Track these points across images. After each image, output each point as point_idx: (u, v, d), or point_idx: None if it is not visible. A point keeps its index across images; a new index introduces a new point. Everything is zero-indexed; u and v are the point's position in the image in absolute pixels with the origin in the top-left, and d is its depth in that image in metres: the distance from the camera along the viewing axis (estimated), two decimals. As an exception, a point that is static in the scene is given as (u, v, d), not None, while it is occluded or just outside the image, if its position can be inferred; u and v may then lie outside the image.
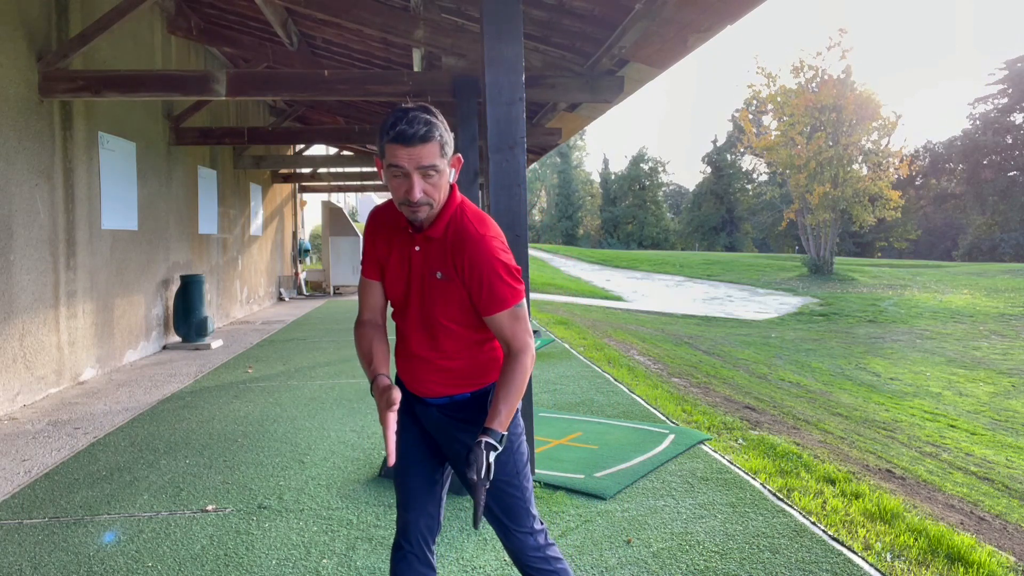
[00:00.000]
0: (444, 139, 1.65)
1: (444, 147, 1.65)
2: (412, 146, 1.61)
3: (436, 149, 1.63)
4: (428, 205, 1.67)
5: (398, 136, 1.60)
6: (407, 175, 1.63)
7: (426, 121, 1.62)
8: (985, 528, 4.53)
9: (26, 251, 5.73)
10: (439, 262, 1.73)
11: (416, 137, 1.60)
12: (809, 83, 28.90)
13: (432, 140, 1.62)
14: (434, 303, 1.75)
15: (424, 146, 1.61)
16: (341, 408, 5.49)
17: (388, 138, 1.62)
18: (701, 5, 4.30)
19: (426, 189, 1.65)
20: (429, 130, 1.61)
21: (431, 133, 1.62)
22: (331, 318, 12.04)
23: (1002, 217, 42.52)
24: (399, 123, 1.61)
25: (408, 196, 1.64)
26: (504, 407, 1.67)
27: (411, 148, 1.61)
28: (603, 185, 63.00)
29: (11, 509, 3.47)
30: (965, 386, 10.81)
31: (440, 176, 1.66)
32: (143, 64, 8.05)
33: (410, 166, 1.62)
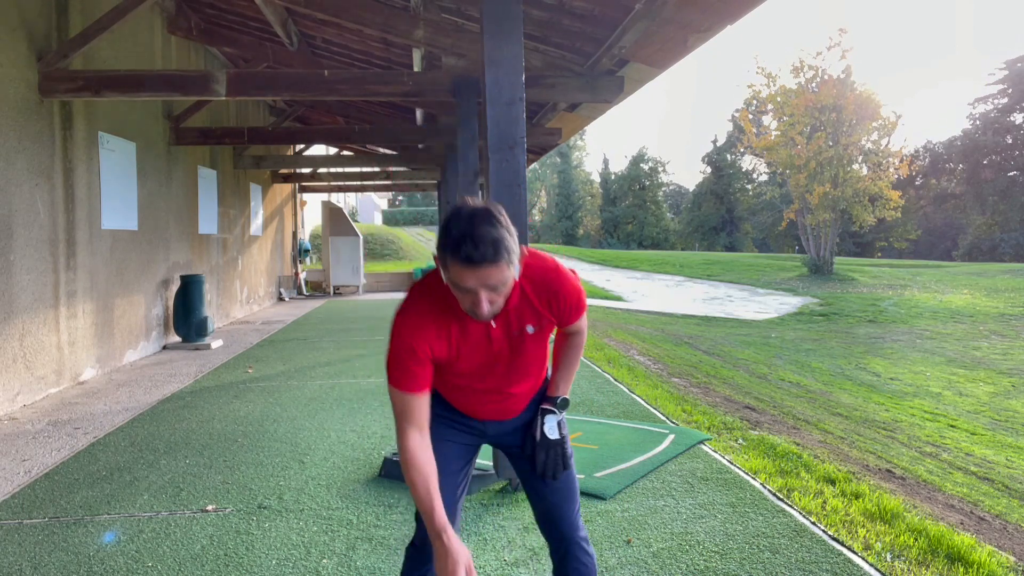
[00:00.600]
0: (511, 251, 1.52)
1: (511, 259, 1.53)
2: (480, 268, 1.49)
3: (504, 268, 1.51)
4: (496, 312, 1.60)
5: (465, 260, 1.48)
6: (474, 292, 1.53)
7: (493, 240, 1.48)
8: (985, 528, 4.53)
9: (26, 251, 5.73)
10: (527, 318, 1.72)
11: (484, 260, 1.48)
12: (809, 83, 28.90)
13: (501, 261, 1.50)
14: (524, 353, 1.78)
15: (493, 268, 1.50)
16: (341, 408, 5.49)
17: (453, 258, 1.49)
18: (701, 5, 4.30)
19: (493, 299, 1.55)
20: (497, 251, 1.49)
21: (499, 254, 1.49)
22: (331, 318, 12.04)
23: (1002, 217, 42.52)
24: (464, 243, 1.47)
25: (476, 309, 1.55)
26: (563, 380, 1.92)
27: (478, 271, 1.49)
28: (603, 185, 62.98)
29: (11, 509, 3.47)
30: (965, 386, 10.81)
31: (507, 285, 1.56)
32: (143, 64, 8.05)
33: (477, 286, 1.51)
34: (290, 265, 17.35)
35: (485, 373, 1.78)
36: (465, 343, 1.71)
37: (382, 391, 6.07)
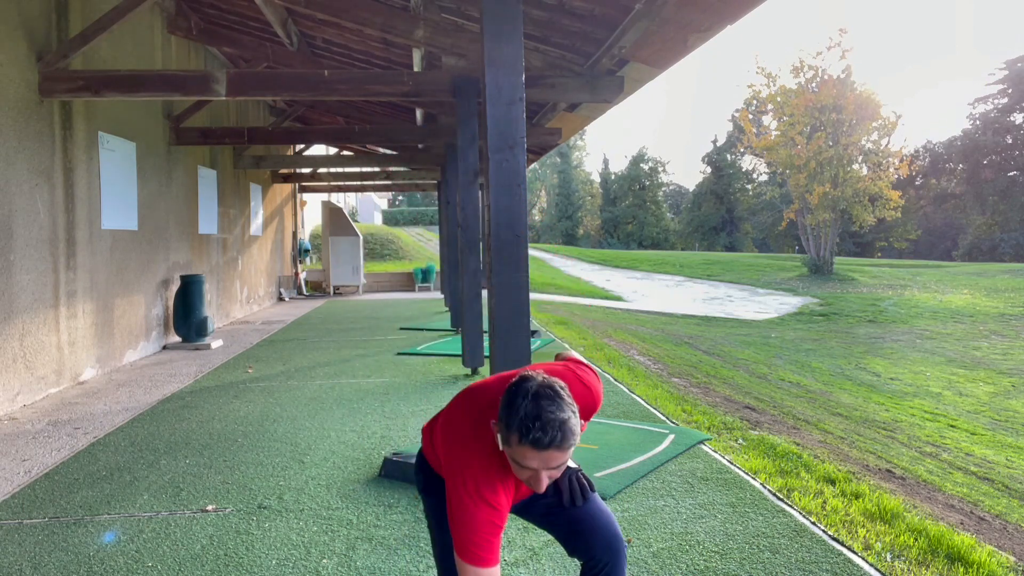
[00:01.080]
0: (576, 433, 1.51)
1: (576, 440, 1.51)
2: (547, 452, 1.48)
3: (569, 450, 1.51)
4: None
5: (533, 443, 1.47)
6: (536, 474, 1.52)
7: (560, 424, 1.47)
8: (985, 528, 4.53)
9: (26, 251, 5.73)
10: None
11: (552, 445, 1.47)
12: (809, 83, 28.90)
13: (568, 446, 1.49)
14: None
15: (560, 452, 1.49)
16: (341, 408, 5.49)
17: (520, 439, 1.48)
18: (701, 5, 4.30)
19: (552, 475, 1.54)
20: (564, 436, 1.48)
21: (567, 440, 1.48)
22: (331, 318, 12.04)
23: (1002, 217, 42.51)
24: (532, 427, 1.46)
25: (535, 486, 1.54)
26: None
27: (545, 453, 1.48)
28: (603, 185, 62.98)
29: (11, 509, 3.47)
30: (965, 386, 10.81)
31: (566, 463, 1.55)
32: (143, 64, 8.05)
33: (540, 467, 1.50)
34: (290, 265, 17.35)
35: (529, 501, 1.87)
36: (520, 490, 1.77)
37: (382, 391, 6.07)
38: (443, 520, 1.86)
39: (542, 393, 1.50)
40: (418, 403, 5.59)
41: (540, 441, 1.46)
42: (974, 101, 47.42)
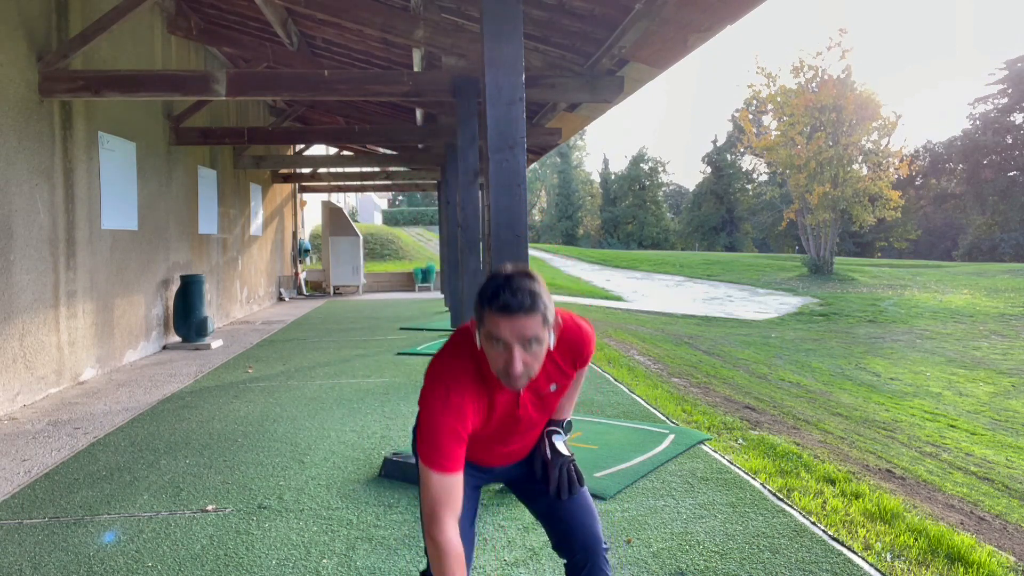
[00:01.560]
0: (547, 307, 1.57)
1: (546, 316, 1.57)
2: (515, 317, 1.52)
3: (540, 320, 1.55)
4: (527, 376, 1.60)
5: (502, 307, 1.51)
6: (508, 347, 1.54)
7: (530, 291, 1.54)
8: (985, 528, 4.53)
9: (26, 251, 5.73)
10: (553, 377, 1.77)
11: (521, 308, 1.52)
12: (809, 83, 28.90)
13: (537, 312, 1.54)
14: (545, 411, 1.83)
15: (529, 317, 1.53)
16: (341, 408, 5.49)
17: (490, 307, 1.53)
18: (701, 5, 4.30)
19: (526, 360, 1.56)
20: (534, 301, 1.53)
21: (536, 305, 1.53)
22: (331, 318, 12.04)
23: (1002, 217, 42.51)
24: (502, 292, 1.52)
25: (509, 369, 1.56)
26: (568, 406, 1.98)
27: (514, 320, 1.52)
28: (603, 185, 62.98)
29: (11, 509, 3.47)
30: (965, 386, 10.81)
31: (541, 347, 1.58)
32: (143, 64, 8.05)
33: (512, 338, 1.53)
34: (290, 265, 17.35)
35: (506, 436, 1.81)
36: (495, 413, 1.71)
37: (382, 391, 6.07)
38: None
39: (515, 272, 1.59)
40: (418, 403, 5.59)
41: (509, 305, 1.51)
42: (974, 101, 47.45)
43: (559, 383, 1.78)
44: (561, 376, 1.78)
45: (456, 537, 1.57)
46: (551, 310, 1.59)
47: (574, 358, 1.79)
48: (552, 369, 1.75)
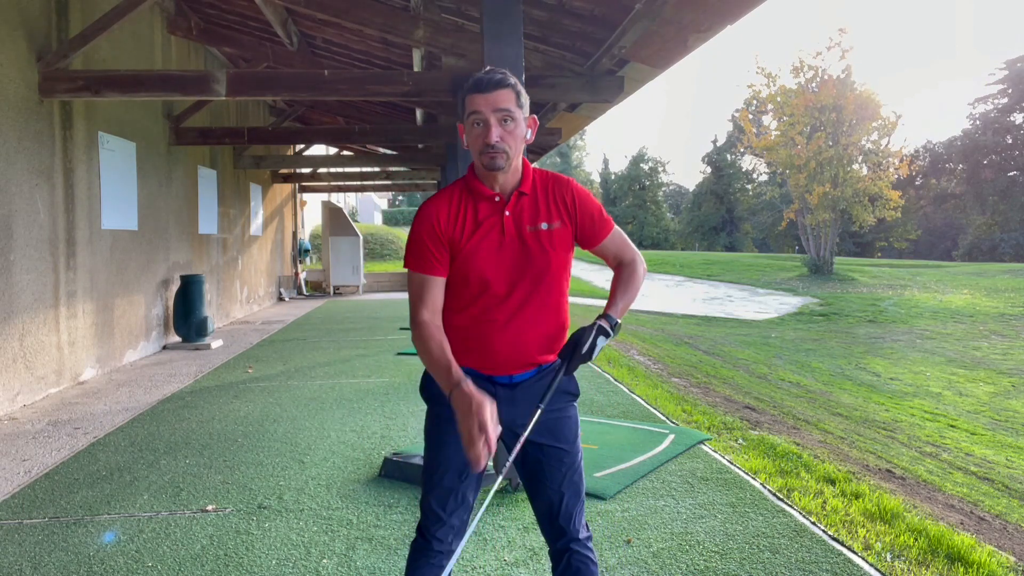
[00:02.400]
0: (519, 89, 1.75)
1: (519, 96, 1.74)
2: (488, 92, 1.70)
3: (511, 95, 1.72)
4: (505, 153, 1.72)
5: (475, 85, 1.71)
6: (485, 122, 1.70)
7: (502, 72, 1.75)
8: (985, 528, 4.53)
9: (26, 251, 5.73)
10: (542, 214, 1.80)
11: (492, 83, 1.70)
12: (809, 83, 28.87)
13: (507, 86, 1.72)
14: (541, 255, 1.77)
15: (500, 91, 1.71)
16: (341, 408, 5.49)
17: (467, 91, 1.72)
18: (701, 5, 4.30)
19: (503, 136, 1.71)
20: (504, 77, 1.73)
21: (506, 80, 1.73)
22: (331, 318, 12.04)
23: (1002, 217, 42.50)
24: (477, 76, 1.73)
25: (486, 140, 1.70)
26: (622, 300, 1.86)
27: (488, 94, 1.70)
28: (603, 185, 62.97)
29: (11, 509, 3.47)
30: (965, 386, 10.81)
31: (516, 125, 1.73)
32: (143, 64, 8.05)
33: (487, 110, 1.69)
34: (290, 265, 17.35)
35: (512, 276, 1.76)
36: (478, 230, 1.76)
37: (382, 391, 6.07)
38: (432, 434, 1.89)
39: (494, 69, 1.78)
40: (418, 403, 5.58)
41: (481, 81, 1.71)
42: (974, 101, 47.44)
43: (549, 222, 1.79)
44: (549, 214, 1.80)
45: (430, 322, 1.75)
46: (524, 96, 1.77)
47: (563, 194, 1.83)
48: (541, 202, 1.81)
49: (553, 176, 1.87)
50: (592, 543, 1.91)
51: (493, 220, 1.77)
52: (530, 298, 1.78)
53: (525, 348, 1.80)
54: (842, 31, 29.47)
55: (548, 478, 1.86)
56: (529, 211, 1.79)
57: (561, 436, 1.86)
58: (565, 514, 1.85)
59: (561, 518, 1.85)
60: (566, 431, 1.87)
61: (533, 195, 1.80)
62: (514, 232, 1.77)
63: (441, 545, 1.85)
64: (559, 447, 1.85)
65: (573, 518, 1.86)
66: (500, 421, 1.67)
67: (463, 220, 1.78)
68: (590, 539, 1.90)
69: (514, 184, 1.79)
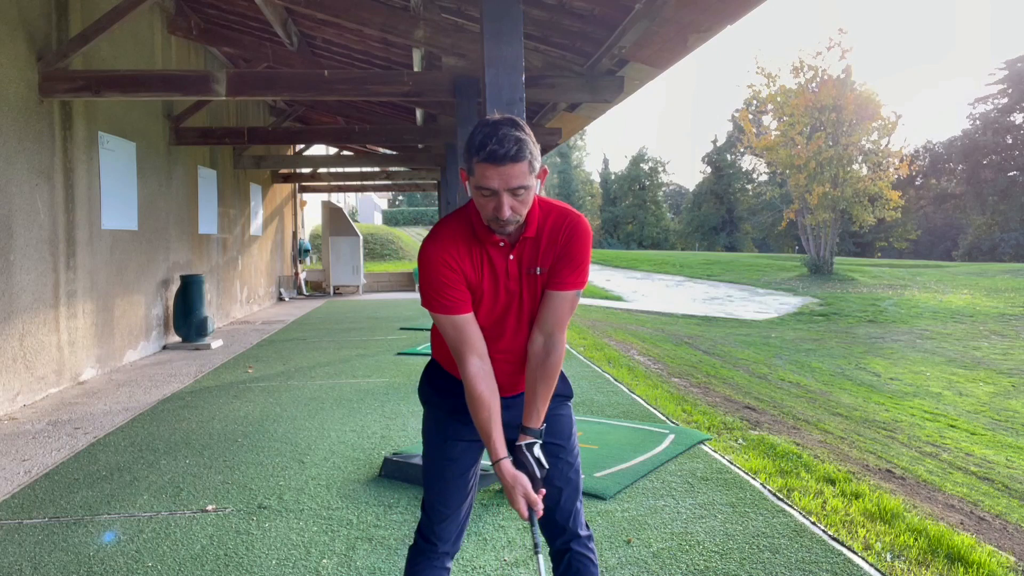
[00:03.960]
0: (533, 155, 1.60)
1: (533, 164, 1.60)
2: (503, 166, 1.55)
3: (526, 168, 1.58)
4: (516, 222, 1.63)
5: (489, 156, 1.54)
6: (496, 194, 1.58)
7: (516, 139, 1.56)
8: (985, 528, 4.53)
9: (26, 251, 5.73)
10: (539, 258, 1.74)
11: (508, 157, 1.55)
12: (809, 83, 28.86)
13: (523, 160, 1.56)
14: (531, 299, 1.77)
15: (515, 166, 1.56)
16: (341, 408, 5.49)
17: (478, 157, 1.56)
18: (701, 5, 4.30)
19: (514, 207, 1.60)
20: (520, 149, 1.56)
21: (522, 153, 1.56)
22: (331, 318, 12.04)
23: (1002, 217, 42.49)
24: (489, 142, 1.55)
25: (497, 214, 1.60)
26: (543, 404, 1.78)
27: (502, 168, 1.56)
28: (603, 185, 62.98)
29: (11, 509, 3.47)
30: (965, 386, 10.81)
31: (528, 193, 1.61)
32: (143, 64, 8.05)
33: (500, 187, 1.57)
34: (290, 265, 17.35)
35: (501, 319, 1.77)
36: (487, 272, 1.73)
37: (382, 391, 6.07)
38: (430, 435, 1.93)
39: (502, 120, 1.60)
40: (418, 403, 5.57)
41: (495, 154, 1.54)
42: (974, 101, 47.42)
43: (542, 266, 1.73)
44: (545, 258, 1.73)
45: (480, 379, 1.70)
46: (537, 157, 1.62)
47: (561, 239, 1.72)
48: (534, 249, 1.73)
49: (563, 215, 1.74)
50: (593, 543, 1.92)
51: (499, 265, 1.73)
52: (517, 335, 1.80)
53: (515, 379, 1.85)
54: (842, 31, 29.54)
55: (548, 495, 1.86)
56: (529, 254, 1.73)
57: (556, 432, 1.88)
58: (563, 511, 1.86)
59: (559, 514, 1.86)
60: (560, 427, 1.89)
61: (537, 238, 1.73)
62: (516, 274, 1.75)
63: (443, 546, 1.86)
64: (554, 443, 1.87)
65: (572, 515, 1.87)
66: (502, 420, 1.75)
67: (479, 260, 1.73)
68: (591, 539, 1.91)
69: (520, 228, 1.70)
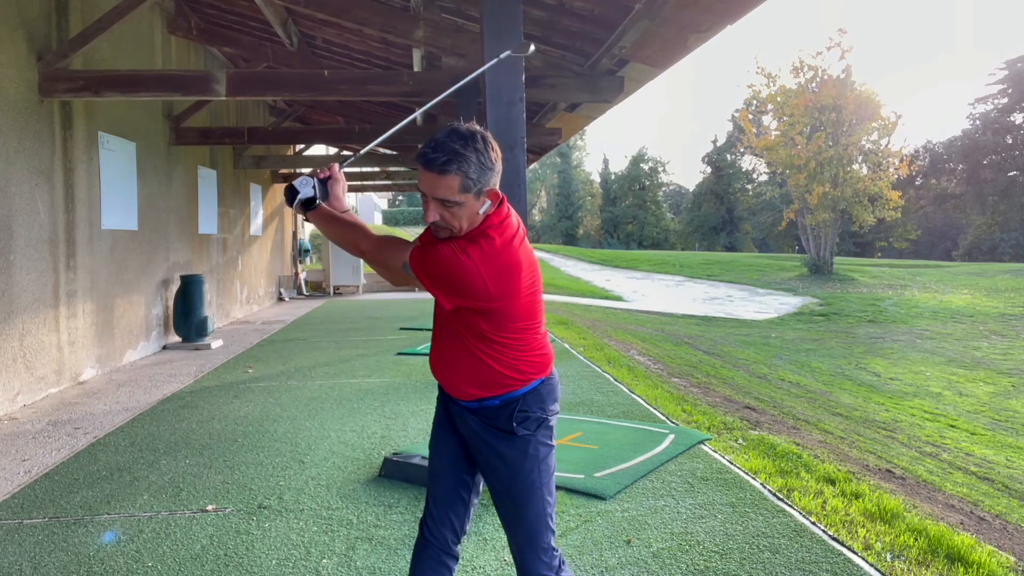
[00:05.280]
0: (468, 174, 1.58)
1: (467, 181, 1.58)
2: (429, 172, 1.59)
3: (454, 183, 1.57)
4: (447, 229, 1.64)
5: (420, 157, 1.59)
6: (424, 197, 1.63)
7: (453, 152, 1.56)
8: (985, 528, 4.53)
9: (26, 251, 5.73)
10: None
11: (434, 165, 1.57)
12: (809, 83, 28.86)
13: (449, 174, 1.57)
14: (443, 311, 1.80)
15: (441, 177, 1.57)
16: (341, 408, 5.49)
17: (417, 157, 1.62)
18: (701, 5, 4.30)
19: (443, 215, 1.62)
20: (450, 161, 1.56)
21: (450, 166, 1.56)
22: (331, 318, 12.04)
23: (1002, 217, 42.49)
24: (429, 145, 1.59)
25: (424, 217, 1.65)
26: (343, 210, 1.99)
27: (428, 174, 1.59)
28: (603, 185, 62.97)
29: (11, 509, 3.47)
30: (965, 386, 10.81)
31: (461, 207, 1.61)
32: (143, 64, 8.05)
33: (427, 191, 1.61)
34: (290, 265, 17.35)
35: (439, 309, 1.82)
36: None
37: (382, 391, 6.07)
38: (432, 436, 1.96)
39: (460, 131, 1.61)
40: (418, 403, 5.59)
41: (425, 157, 1.58)
42: (974, 101, 47.44)
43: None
44: None
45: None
46: (478, 179, 1.59)
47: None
48: None
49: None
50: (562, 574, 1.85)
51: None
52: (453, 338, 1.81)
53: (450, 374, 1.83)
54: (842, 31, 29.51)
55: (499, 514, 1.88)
56: None
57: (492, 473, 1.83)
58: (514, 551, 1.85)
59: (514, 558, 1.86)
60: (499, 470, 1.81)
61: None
62: None
63: (434, 541, 1.87)
64: (493, 484, 1.85)
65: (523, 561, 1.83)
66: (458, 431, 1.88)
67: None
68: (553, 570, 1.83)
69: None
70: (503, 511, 1.85)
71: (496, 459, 1.80)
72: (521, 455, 1.79)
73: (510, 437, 1.78)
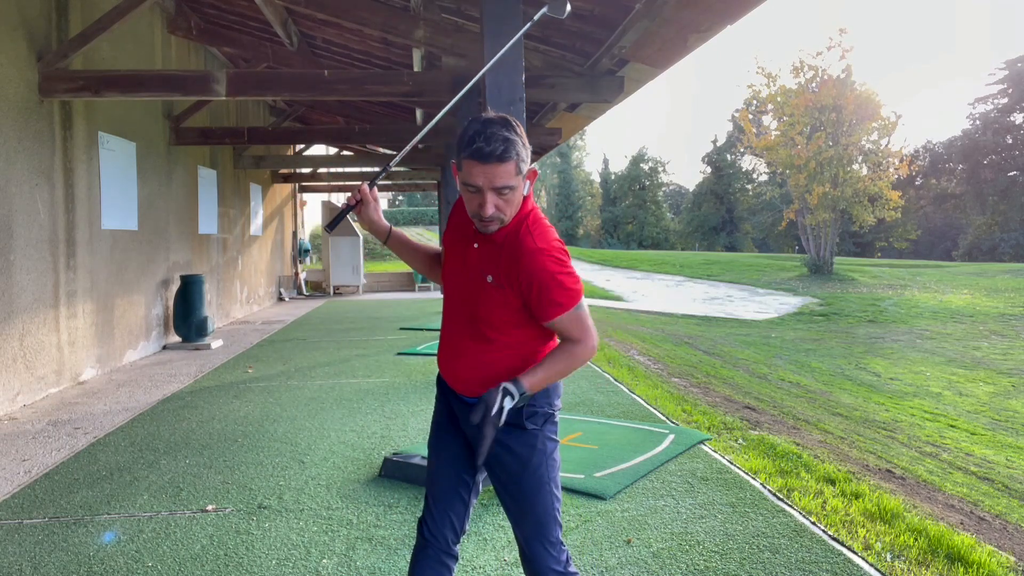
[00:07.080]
0: (521, 156, 1.59)
1: (520, 165, 1.59)
2: (488, 164, 1.56)
3: (512, 168, 1.58)
4: (499, 220, 1.64)
5: (475, 153, 1.55)
6: (480, 191, 1.59)
7: (504, 139, 1.56)
8: (985, 528, 4.53)
9: (26, 251, 5.73)
10: (492, 265, 1.71)
11: (493, 156, 1.55)
12: (809, 83, 28.87)
13: (509, 160, 1.56)
14: (480, 303, 1.74)
15: (500, 165, 1.56)
16: (341, 408, 5.49)
17: (466, 154, 1.57)
18: (701, 5, 4.30)
19: (498, 205, 1.61)
20: (507, 149, 1.56)
21: (508, 153, 1.56)
22: (331, 318, 12.04)
23: (1002, 217, 42.49)
24: (477, 139, 1.55)
25: (480, 211, 1.62)
26: (542, 371, 1.70)
27: (487, 166, 1.56)
28: (603, 185, 62.97)
29: (11, 509, 3.47)
30: (965, 386, 10.81)
31: (514, 193, 1.62)
32: (143, 64, 8.05)
33: (484, 185, 1.58)
34: (290, 265, 17.35)
35: (451, 299, 1.81)
36: (456, 244, 1.81)
37: (382, 391, 6.07)
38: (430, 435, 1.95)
39: (494, 119, 1.60)
40: (418, 403, 5.59)
41: (481, 151, 1.55)
42: (974, 101, 47.42)
43: (495, 278, 1.68)
44: (497, 271, 1.68)
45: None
46: (525, 159, 1.62)
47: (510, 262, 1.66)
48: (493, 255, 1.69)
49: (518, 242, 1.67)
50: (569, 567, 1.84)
51: (467, 247, 1.77)
52: (468, 332, 1.78)
53: (464, 375, 1.80)
54: (842, 31, 29.45)
55: (505, 508, 1.86)
56: (489, 257, 1.72)
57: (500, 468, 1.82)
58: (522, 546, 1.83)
59: (521, 553, 1.84)
60: (508, 464, 1.80)
61: (499, 246, 1.70)
62: (472, 268, 1.75)
63: (433, 539, 1.87)
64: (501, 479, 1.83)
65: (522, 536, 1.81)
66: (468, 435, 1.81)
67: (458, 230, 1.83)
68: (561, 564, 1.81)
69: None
70: (511, 506, 1.84)
71: (504, 453, 1.80)
72: (530, 449, 1.80)
73: (518, 431, 1.79)
